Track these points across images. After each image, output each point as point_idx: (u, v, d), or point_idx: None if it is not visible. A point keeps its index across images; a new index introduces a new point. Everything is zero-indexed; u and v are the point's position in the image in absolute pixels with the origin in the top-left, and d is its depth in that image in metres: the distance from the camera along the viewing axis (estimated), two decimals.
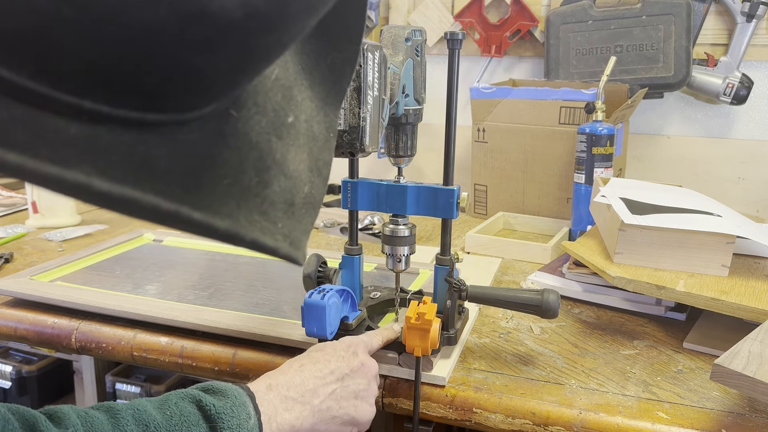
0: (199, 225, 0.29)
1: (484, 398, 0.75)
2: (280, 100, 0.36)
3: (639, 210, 0.99)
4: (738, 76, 1.46)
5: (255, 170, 0.33)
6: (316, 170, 0.38)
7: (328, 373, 0.68)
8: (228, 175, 0.31)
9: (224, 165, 0.31)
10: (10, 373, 1.12)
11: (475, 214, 1.52)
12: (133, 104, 0.28)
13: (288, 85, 0.37)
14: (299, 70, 0.39)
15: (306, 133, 0.38)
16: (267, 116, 0.35)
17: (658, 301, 0.97)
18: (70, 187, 0.25)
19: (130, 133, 0.28)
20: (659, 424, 0.70)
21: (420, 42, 0.77)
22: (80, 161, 0.26)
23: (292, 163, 0.36)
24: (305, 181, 0.37)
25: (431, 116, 1.26)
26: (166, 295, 0.98)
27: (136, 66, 0.27)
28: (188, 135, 0.31)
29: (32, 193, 1.39)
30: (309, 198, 0.37)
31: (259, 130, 0.34)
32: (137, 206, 0.27)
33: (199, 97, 0.31)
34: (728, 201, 1.45)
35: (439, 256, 0.81)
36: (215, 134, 0.32)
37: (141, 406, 0.58)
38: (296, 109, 0.37)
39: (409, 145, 0.80)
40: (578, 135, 1.25)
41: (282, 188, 0.34)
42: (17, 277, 1.01)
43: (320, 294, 0.76)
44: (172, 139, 0.30)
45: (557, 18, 1.52)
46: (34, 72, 0.26)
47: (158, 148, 0.29)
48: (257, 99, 0.35)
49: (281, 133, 0.35)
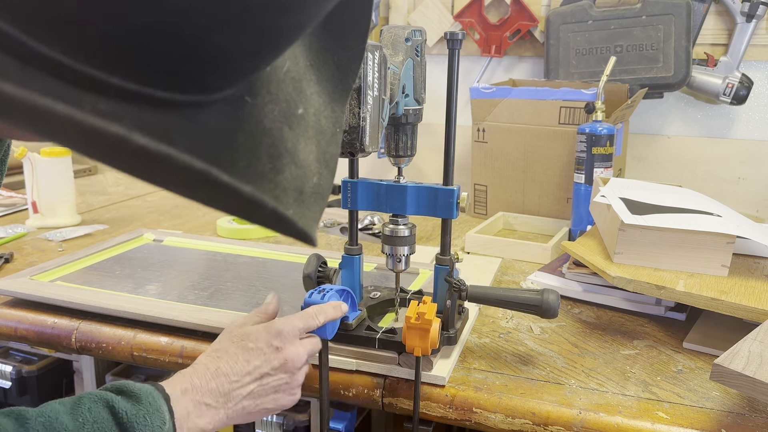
0: (227, 187, 0.30)
1: (484, 398, 0.75)
2: (291, 91, 0.37)
3: (639, 210, 0.99)
4: (738, 76, 1.46)
5: (268, 156, 0.34)
6: (324, 162, 0.39)
7: (246, 374, 0.67)
8: (243, 158, 0.32)
9: (240, 148, 0.32)
10: (10, 373, 1.12)
11: (475, 214, 1.52)
12: (159, 83, 0.29)
13: (298, 78, 0.38)
14: (308, 66, 0.40)
15: (315, 126, 0.39)
16: (279, 105, 0.36)
17: (658, 301, 0.97)
18: (111, 140, 0.26)
19: (156, 112, 0.29)
20: (659, 424, 0.70)
21: (420, 42, 0.78)
22: (119, 118, 0.27)
23: (302, 153, 0.37)
24: (314, 171, 0.38)
25: (431, 116, 1.26)
26: (166, 295, 0.98)
27: (165, 44, 0.28)
28: (208, 117, 0.32)
29: (32, 193, 1.39)
30: (317, 188, 0.38)
31: (272, 118, 0.35)
32: (172, 163, 0.28)
33: (222, 79, 0.32)
34: (728, 201, 1.45)
35: (439, 256, 0.81)
36: (232, 118, 0.33)
37: (53, 412, 0.56)
38: (306, 102, 0.38)
39: (409, 145, 0.80)
40: (578, 135, 1.25)
41: (293, 176, 0.35)
42: (17, 277, 1.01)
43: (320, 294, 0.76)
44: (195, 121, 0.31)
45: (557, 18, 1.52)
46: (68, 48, 0.27)
47: (182, 128, 0.30)
48: (270, 88, 0.36)
49: (292, 123, 0.36)
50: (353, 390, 0.80)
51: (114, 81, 0.28)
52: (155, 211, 1.55)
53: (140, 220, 1.47)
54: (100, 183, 1.88)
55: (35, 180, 1.38)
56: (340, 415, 0.93)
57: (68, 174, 1.41)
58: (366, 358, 0.80)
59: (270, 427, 0.98)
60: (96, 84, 0.28)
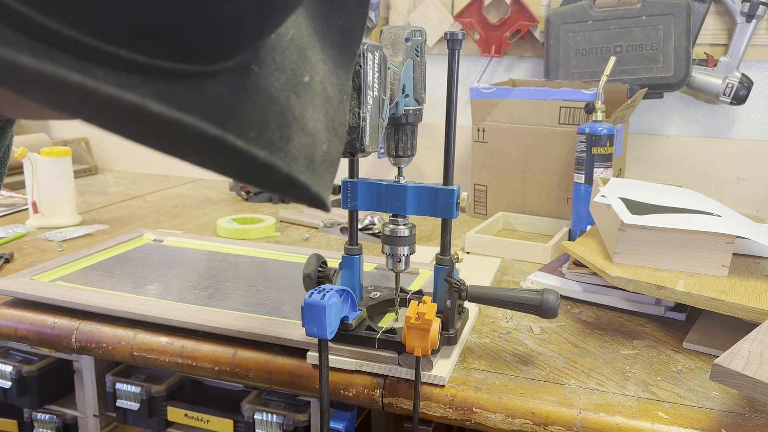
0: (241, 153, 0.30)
1: (484, 398, 0.75)
2: (296, 59, 0.37)
3: (639, 210, 0.99)
4: (738, 76, 1.46)
5: (277, 125, 0.34)
6: (333, 130, 0.39)
7: None
8: (252, 127, 0.32)
9: (248, 118, 0.33)
10: (10, 373, 1.12)
11: (475, 214, 1.52)
12: (166, 54, 0.29)
13: (303, 45, 0.38)
14: (311, 33, 0.40)
15: (321, 94, 0.39)
16: (285, 73, 0.36)
17: (658, 301, 0.97)
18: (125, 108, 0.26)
19: (162, 83, 0.29)
20: (659, 424, 0.70)
21: (420, 42, 0.78)
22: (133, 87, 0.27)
23: (310, 121, 0.37)
24: (323, 139, 0.38)
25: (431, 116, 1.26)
26: (166, 295, 0.98)
27: (171, 14, 0.28)
28: (214, 87, 0.32)
29: (32, 193, 1.39)
30: (327, 156, 0.38)
31: (279, 87, 0.35)
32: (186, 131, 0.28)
33: (227, 47, 0.32)
34: (728, 201, 1.45)
35: (439, 256, 0.81)
36: (239, 88, 0.33)
37: None
38: (311, 69, 0.38)
39: (409, 145, 0.80)
40: (578, 135, 1.25)
41: (302, 144, 0.36)
42: (17, 277, 1.01)
43: (320, 294, 0.76)
44: (201, 91, 0.31)
45: (557, 18, 1.52)
46: (77, 22, 0.27)
47: (189, 99, 0.30)
48: (275, 56, 0.36)
49: (299, 91, 0.37)
50: (353, 390, 0.80)
51: (123, 54, 0.28)
52: (155, 211, 1.55)
53: (140, 220, 1.47)
54: (100, 183, 1.88)
55: (35, 180, 1.38)
56: (340, 415, 0.93)
57: (68, 174, 1.41)
58: (366, 358, 0.80)
59: (270, 426, 0.98)
60: (105, 57, 0.28)
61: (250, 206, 1.62)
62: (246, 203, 1.65)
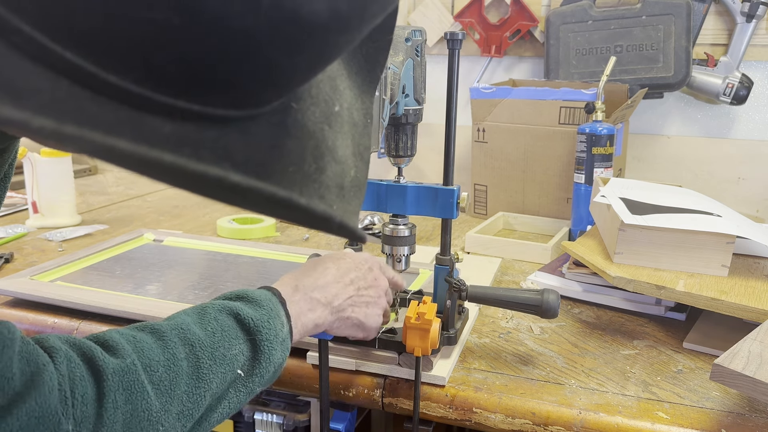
0: (304, 209, 0.33)
1: (484, 398, 0.75)
2: (328, 90, 0.39)
3: (639, 210, 0.99)
4: (738, 76, 1.46)
5: (313, 157, 0.36)
6: (359, 155, 0.41)
7: (348, 282, 0.73)
8: (293, 163, 0.34)
9: (289, 154, 0.34)
10: None
11: (475, 214, 1.52)
12: (219, 102, 0.31)
13: (333, 76, 0.40)
14: (339, 62, 0.41)
15: (349, 121, 0.40)
16: (320, 107, 0.37)
17: (658, 301, 0.97)
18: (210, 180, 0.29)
19: (214, 129, 0.31)
20: (659, 423, 0.70)
21: (420, 42, 0.77)
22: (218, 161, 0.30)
23: (340, 149, 0.38)
24: (351, 165, 0.39)
25: (431, 116, 1.26)
26: (166, 295, 0.98)
27: (230, 68, 0.29)
28: (259, 128, 0.33)
29: (32, 193, 1.39)
30: (355, 181, 0.39)
31: (314, 120, 0.37)
32: (258, 194, 0.31)
33: (275, 93, 0.33)
34: (728, 201, 1.45)
35: (439, 256, 0.81)
36: (280, 126, 0.34)
37: (184, 324, 0.58)
38: (340, 98, 0.40)
39: (409, 145, 0.80)
40: (578, 135, 1.25)
41: (334, 173, 0.37)
42: (17, 277, 1.01)
43: None
44: (247, 132, 0.32)
45: (557, 18, 1.52)
46: (139, 77, 0.28)
47: (236, 141, 0.32)
48: (312, 91, 0.37)
49: (331, 122, 0.38)
50: (353, 390, 0.80)
51: (180, 104, 0.30)
52: (155, 211, 1.55)
53: (140, 220, 1.47)
54: (100, 183, 1.88)
55: (35, 180, 1.38)
56: (340, 415, 0.93)
57: (68, 174, 1.41)
58: (366, 358, 0.80)
59: (270, 427, 0.98)
60: (163, 108, 0.29)
61: None
62: None
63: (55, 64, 0.27)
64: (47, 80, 0.27)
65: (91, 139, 0.26)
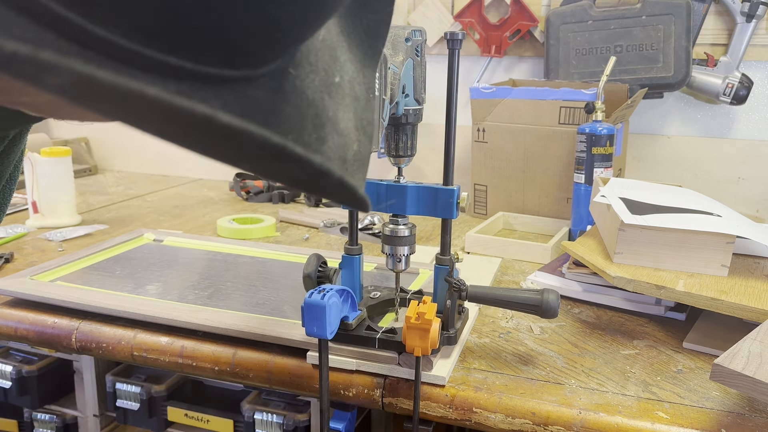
0: (300, 159, 0.31)
1: (484, 398, 0.75)
2: (327, 60, 0.38)
3: (639, 210, 0.99)
4: (738, 76, 1.46)
5: (313, 126, 0.34)
6: (362, 129, 0.40)
7: None
8: (292, 130, 0.33)
9: (288, 121, 0.33)
10: (10, 373, 1.12)
11: (475, 214, 1.52)
12: (213, 60, 0.30)
13: (333, 46, 0.39)
14: (339, 33, 0.40)
15: (350, 94, 0.39)
16: (319, 75, 0.36)
17: (658, 301, 0.97)
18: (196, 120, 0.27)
19: (207, 89, 0.30)
20: (659, 423, 0.70)
21: (420, 42, 0.77)
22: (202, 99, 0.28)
23: (341, 122, 0.37)
24: (354, 139, 0.38)
25: (431, 116, 1.26)
26: (166, 295, 0.98)
27: (222, 20, 0.28)
28: (255, 92, 0.32)
29: (32, 193, 1.39)
30: (358, 155, 0.38)
31: (314, 88, 0.36)
32: (249, 139, 0.29)
33: (271, 51, 0.32)
34: (728, 201, 1.45)
35: (439, 256, 0.81)
36: (278, 91, 0.33)
37: None
38: (341, 69, 0.39)
39: (409, 145, 0.80)
40: (578, 135, 1.25)
41: (336, 145, 0.36)
42: (17, 277, 1.01)
43: (320, 294, 0.75)
44: (243, 95, 0.31)
45: (557, 18, 1.52)
46: (128, 30, 0.27)
47: (232, 104, 0.30)
48: (310, 58, 0.36)
49: (331, 92, 0.37)
50: (353, 390, 0.80)
51: (171, 60, 0.28)
52: (155, 211, 1.55)
53: (140, 220, 1.47)
54: (100, 183, 1.88)
55: (35, 180, 1.38)
56: (340, 415, 0.93)
57: (68, 174, 1.41)
58: (366, 358, 0.80)
59: (270, 426, 0.98)
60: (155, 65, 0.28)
61: (250, 206, 1.62)
62: (246, 203, 1.65)
63: (41, 15, 0.26)
64: (32, 33, 0.26)
65: (68, 66, 0.24)
